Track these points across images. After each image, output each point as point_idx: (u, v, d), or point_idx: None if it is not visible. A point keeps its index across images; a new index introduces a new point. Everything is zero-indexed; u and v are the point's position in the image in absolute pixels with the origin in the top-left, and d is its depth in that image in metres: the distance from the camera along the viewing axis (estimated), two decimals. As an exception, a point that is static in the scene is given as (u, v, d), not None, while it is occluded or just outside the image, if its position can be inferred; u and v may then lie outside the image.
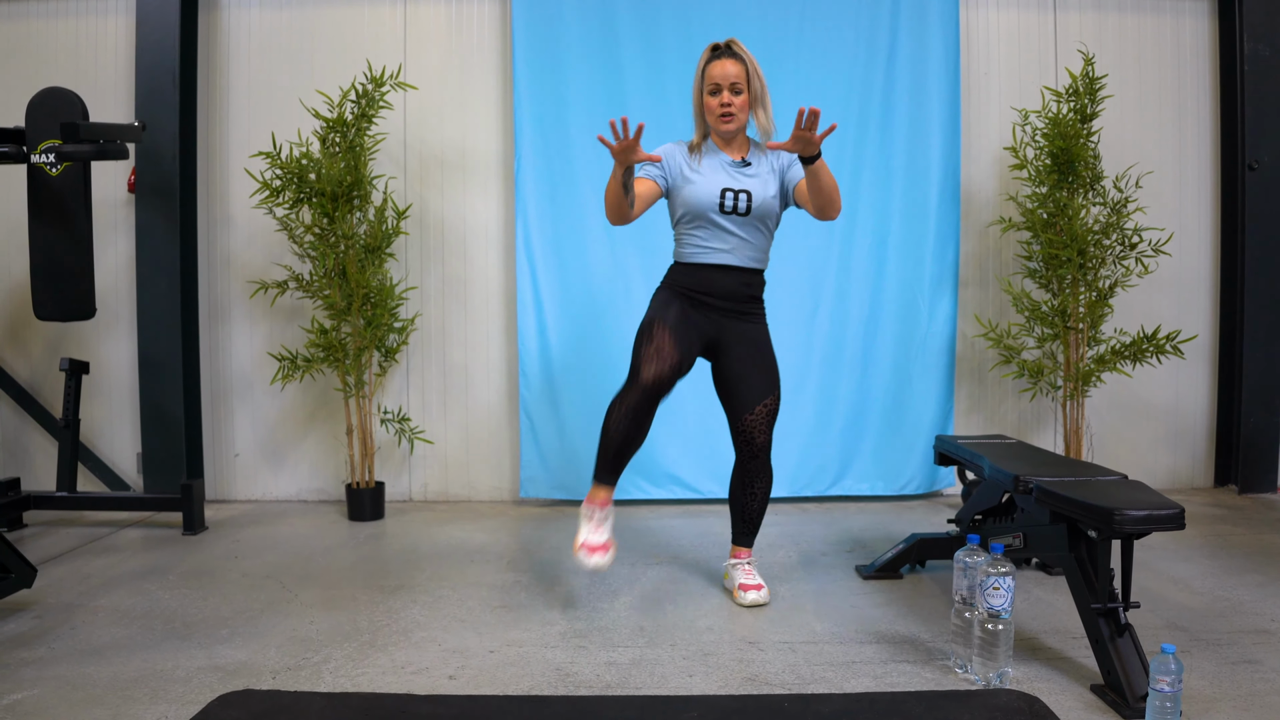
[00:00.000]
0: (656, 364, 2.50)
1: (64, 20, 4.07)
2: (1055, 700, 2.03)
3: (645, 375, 2.49)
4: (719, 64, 2.58)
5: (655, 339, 2.54)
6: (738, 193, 2.58)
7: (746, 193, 2.59)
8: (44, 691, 2.09)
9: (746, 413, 2.67)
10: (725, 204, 2.58)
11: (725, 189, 2.58)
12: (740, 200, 2.58)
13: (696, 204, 2.59)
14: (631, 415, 2.50)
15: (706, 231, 2.62)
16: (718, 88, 2.58)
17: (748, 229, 2.62)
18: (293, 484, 4.18)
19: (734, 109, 2.58)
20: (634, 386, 2.51)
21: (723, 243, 2.62)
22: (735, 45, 2.61)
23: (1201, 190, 4.20)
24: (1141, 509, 1.99)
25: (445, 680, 2.17)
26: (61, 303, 3.36)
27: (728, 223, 2.60)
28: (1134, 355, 3.75)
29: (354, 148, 3.67)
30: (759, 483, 2.73)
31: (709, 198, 2.58)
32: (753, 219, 2.61)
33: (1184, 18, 4.16)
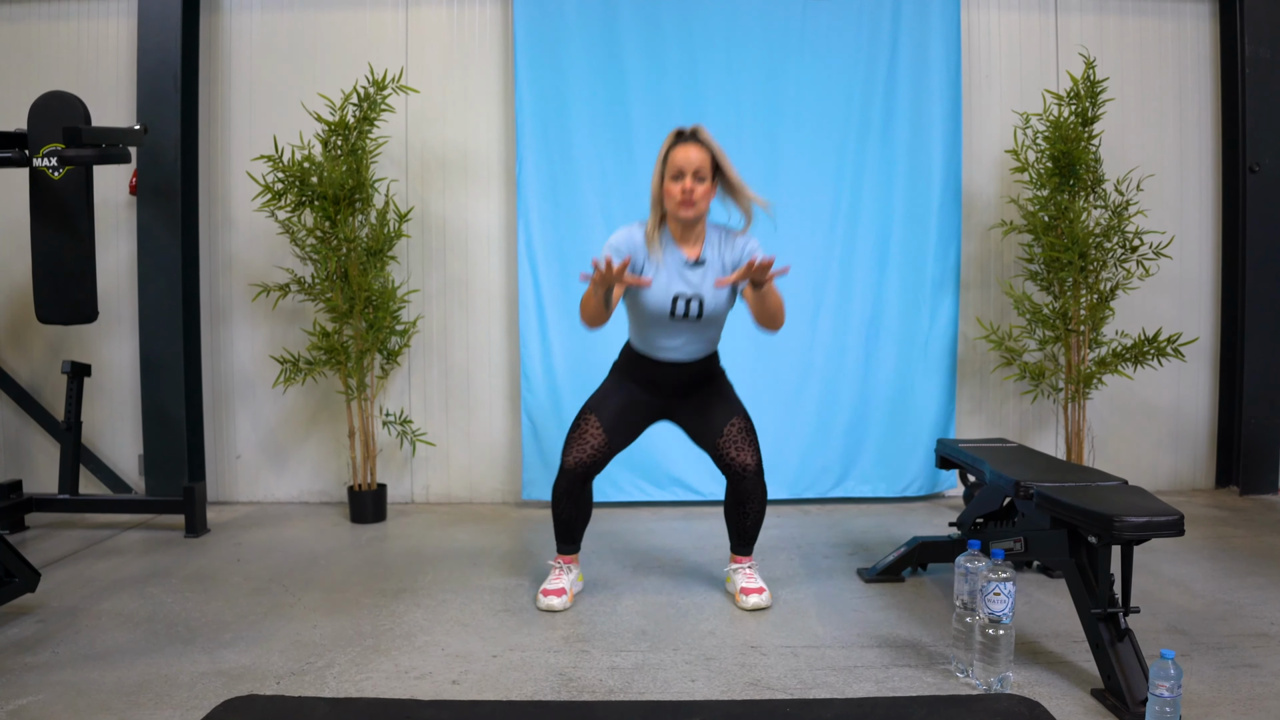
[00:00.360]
0: (577, 451, 2.67)
1: (66, 23, 4.07)
2: (1056, 705, 2.03)
3: (567, 462, 2.69)
4: (682, 149, 2.54)
5: (581, 427, 2.70)
6: (689, 299, 2.59)
7: (699, 299, 2.59)
8: (49, 697, 2.10)
9: (718, 436, 2.70)
10: (677, 310, 2.59)
11: (677, 295, 2.58)
12: (692, 306, 2.59)
13: (649, 309, 2.60)
14: (566, 498, 2.71)
15: (657, 330, 2.65)
16: (680, 173, 2.53)
17: (698, 328, 2.64)
18: (295, 486, 4.19)
19: (695, 196, 2.53)
20: (561, 473, 2.70)
21: (673, 340, 2.65)
22: (700, 133, 2.58)
23: (1203, 193, 4.20)
24: (1141, 515, 2.00)
25: (449, 685, 2.18)
26: (63, 306, 3.36)
27: (677, 326, 2.63)
28: (1135, 358, 3.76)
29: (356, 151, 3.67)
30: (751, 503, 2.73)
31: (661, 305, 2.58)
32: (705, 322, 2.63)
33: (1185, 20, 4.16)
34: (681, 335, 2.64)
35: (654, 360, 2.70)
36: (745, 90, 3.95)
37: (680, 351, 2.67)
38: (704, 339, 2.68)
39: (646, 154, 3.90)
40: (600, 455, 2.68)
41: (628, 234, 2.65)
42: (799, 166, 3.98)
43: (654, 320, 2.62)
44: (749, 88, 3.95)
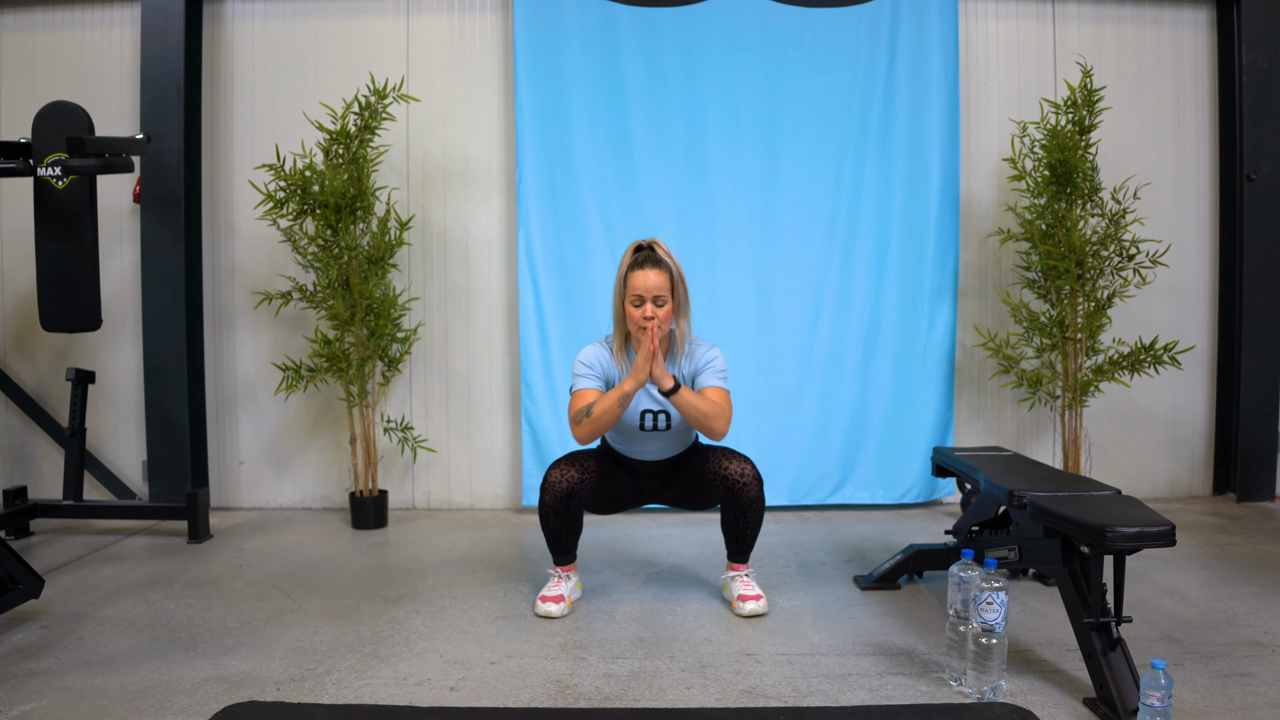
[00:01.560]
0: (565, 469, 2.69)
1: (70, 33, 4.11)
2: (1048, 714, 2.05)
3: (550, 475, 2.70)
4: (641, 274, 2.59)
5: (578, 455, 2.75)
6: (656, 414, 2.69)
7: (665, 413, 2.68)
8: (52, 703, 2.13)
9: (705, 462, 2.75)
10: (645, 424, 2.70)
11: (645, 411, 2.69)
12: (660, 419, 2.69)
13: (620, 422, 2.69)
14: (553, 514, 2.72)
15: (628, 440, 2.76)
16: (640, 299, 2.59)
17: (669, 436, 2.74)
18: (297, 492, 4.22)
19: (657, 321, 2.58)
20: (544, 488, 2.70)
21: (647, 446, 2.76)
22: (659, 248, 2.63)
23: (1200, 201, 4.22)
24: (1132, 526, 2.02)
25: (447, 692, 2.20)
26: (68, 314, 3.39)
27: (649, 435, 2.72)
28: (1132, 365, 3.78)
29: (357, 159, 3.70)
30: (750, 513, 2.76)
31: (630, 421, 2.69)
32: (674, 431, 2.72)
33: (1183, 29, 4.18)
34: (655, 442, 2.76)
35: (632, 459, 2.82)
36: (744, 99, 3.98)
37: (656, 454, 2.80)
38: (678, 441, 2.79)
39: (646, 163, 3.95)
40: (585, 483, 2.71)
41: (595, 353, 2.72)
42: (798, 175, 4.00)
43: (626, 432, 2.73)
44: (748, 97, 3.98)
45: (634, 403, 2.66)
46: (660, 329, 2.60)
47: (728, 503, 2.75)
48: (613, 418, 2.56)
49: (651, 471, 2.84)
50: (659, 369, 2.53)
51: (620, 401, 2.55)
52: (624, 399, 2.55)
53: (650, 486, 2.87)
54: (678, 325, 2.69)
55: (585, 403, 2.60)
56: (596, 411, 2.56)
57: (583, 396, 2.62)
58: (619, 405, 2.55)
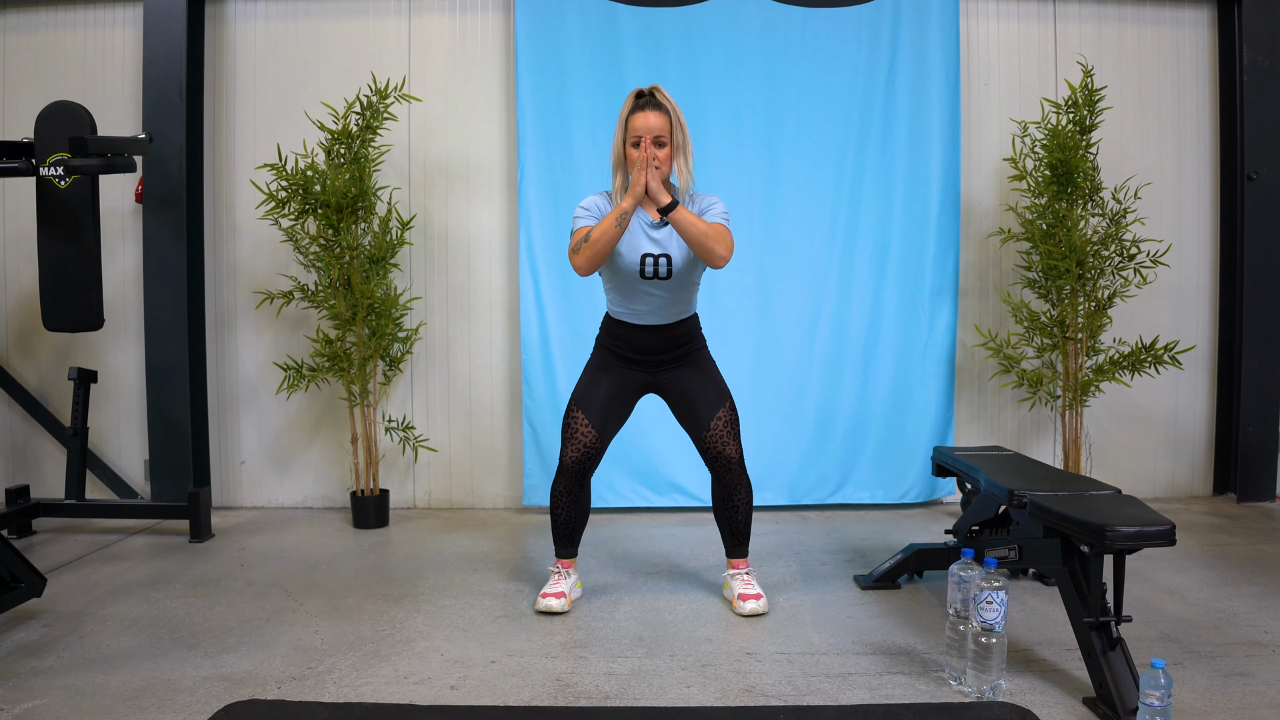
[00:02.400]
0: (573, 448, 2.73)
1: (72, 33, 4.12)
2: (1047, 713, 2.05)
3: (566, 459, 2.74)
4: (642, 115, 2.58)
5: (571, 426, 2.74)
6: (658, 257, 2.62)
7: (666, 257, 2.62)
8: (53, 701, 2.13)
9: (705, 430, 2.74)
10: (646, 270, 2.62)
11: (645, 255, 2.62)
12: (661, 265, 2.63)
13: (619, 271, 2.65)
14: (566, 495, 2.77)
15: (629, 293, 2.69)
16: (639, 138, 2.58)
17: (670, 288, 2.67)
18: (298, 491, 4.22)
19: (657, 161, 2.56)
20: (560, 471, 2.75)
21: (645, 304, 2.69)
22: (659, 93, 2.63)
23: (1201, 201, 4.22)
24: (1132, 525, 2.02)
25: (447, 690, 2.21)
26: (70, 314, 3.40)
27: (650, 287, 2.66)
28: (1133, 365, 3.78)
29: (359, 159, 3.71)
30: (738, 494, 2.76)
31: (630, 265, 2.63)
32: (675, 280, 2.66)
33: (1183, 28, 4.18)
34: (655, 296, 2.67)
35: (632, 325, 2.73)
36: (745, 99, 3.98)
37: (656, 314, 2.70)
38: (678, 299, 2.70)
39: (647, 163, 3.94)
40: (594, 450, 2.73)
41: (594, 200, 2.69)
42: (798, 175, 4.00)
43: (627, 282, 2.66)
44: (749, 97, 3.98)
45: (634, 246, 2.61)
46: (660, 171, 2.58)
47: (716, 481, 2.77)
48: (611, 239, 2.52)
49: (653, 346, 2.73)
50: (655, 183, 2.49)
51: (619, 220, 2.50)
52: (622, 217, 2.50)
53: (653, 378, 2.78)
54: (679, 170, 2.65)
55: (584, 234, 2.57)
56: (595, 234, 2.52)
57: (582, 232, 2.59)
58: (617, 224, 2.51)
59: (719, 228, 2.58)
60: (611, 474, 4.02)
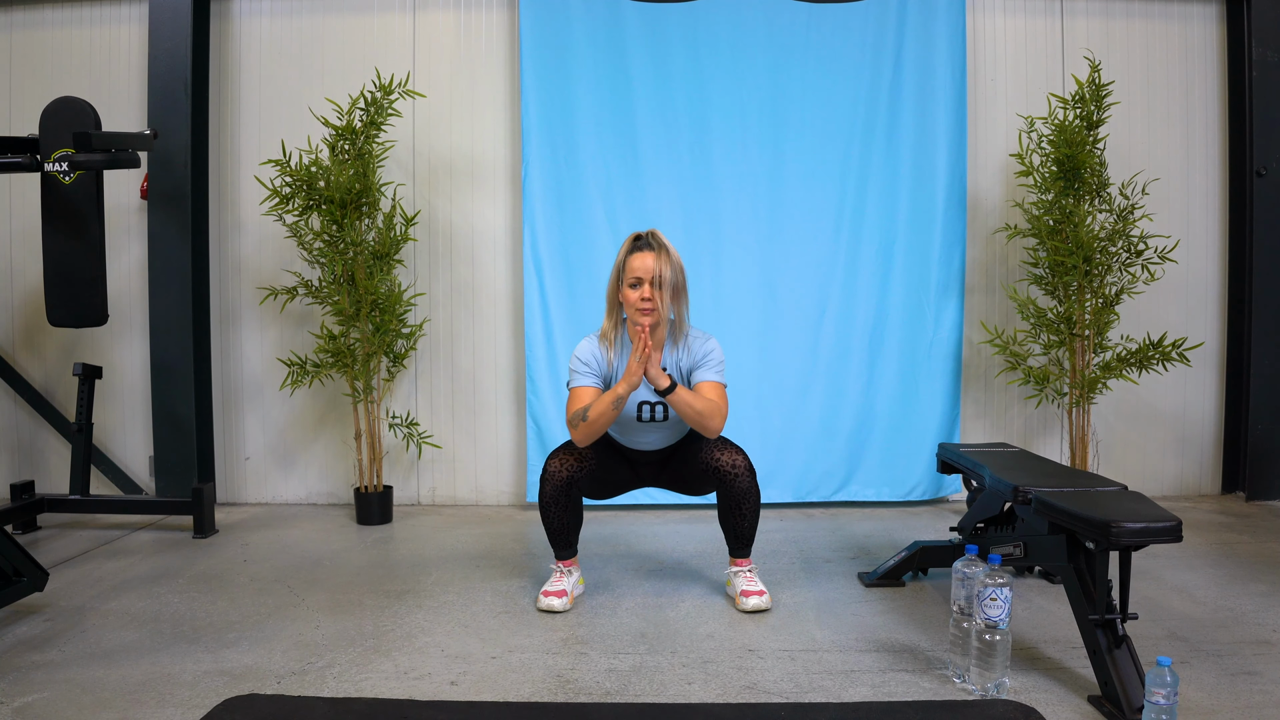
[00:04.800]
0: (563, 458, 2.68)
1: (78, 29, 4.13)
2: (1052, 711, 2.03)
3: (550, 465, 2.69)
4: (640, 256, 2.59)
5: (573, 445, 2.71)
6: (654, 405, 2.68)
7: (663, 405, 2.68)
8: (54, 694, 2.13)
9: (698, 454, 2.72)
10: (643, 415, 2.70)
11: (643, 403, 2.68)
12: (657, 411, 2.68)
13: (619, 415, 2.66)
14: (554, 505, 2.71)
15: (628, 432, 2.75)
16: (639, 281, 2.58)
17: (666, 427, 2.74)
18: (302, 487, 4.23)
19: (654, 304, 2.57)
20: (546, 478, 2.69)
21: (646, 437, 2.76)
22: (657, 237, 2.62)
23: (1209, 197, 4.19)
24: (1138, 521, 2.00)
25: (447, 686, 2.20)
26: (74, 309, 3.41)
27: (647, 426, 2.72)
28: (1140, 362, 3.75)
29: (363, 155, 3.71)
30: (746, 504, 2.73)
31: (628, 413, 2.68)
32: (671, 421, 2.71)
33: (1192, 23, 4.14)
34: (654, 433, 2.76)
35: (630, 449, 2.81)
36: (750, 96, 3.96)
37: (654, 444, 2.79)
38: (676, 431, 2.78)
39: (652, 159, 3.94)
40: (586, 468, 2.71)
41: (589, 348, 2.69)
42: (804, 171, 3.99)
43: (625, 424, 2.73)
44: (754, 93, 3.96)
45: (632, 395, 2.65)
46: (657, 328, 2.61)
47: (721, 494, 2.73)
48: (608, 420, 2.57)
49: (648, 460, 2.84)
50: (654, 369, 2.52)
51: (615, 404, 2.55)
52: (618, 402, 2.55)
53: (647, 473, 2.87)
54: (676, 313, 2.67)
55: (582, 404, 2.60)
56: (592, 415, 2.56)
57: (579, 397, 2.62)
58: (613, 408, 2.55)
59: (713, 403, 2.58)
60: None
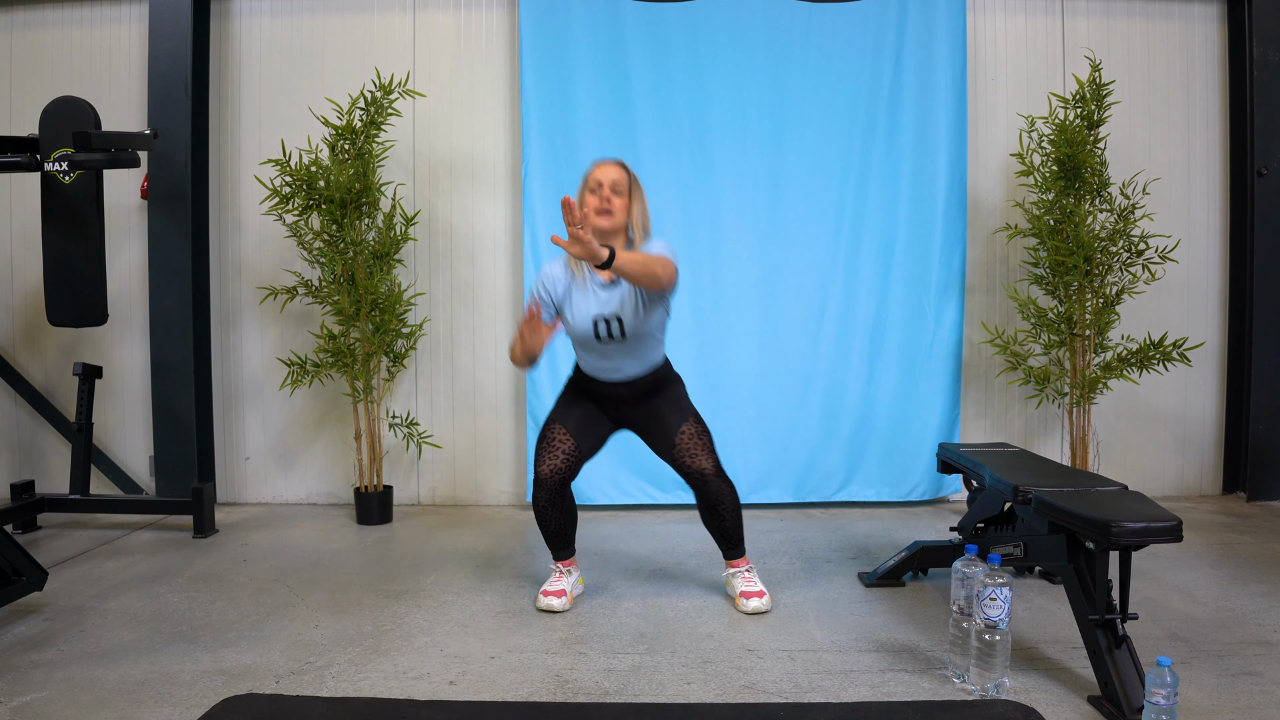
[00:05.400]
0: (550, 459, 2.69)
1: (78, 29, 4.13)
2: (1052, 711, 2.03)
3: (541, 471, 2.70)
4: (603, 166, 2.65)
5: (549, 437, 2.72)
6: (609, 320, 2.62)
7: (618, 319, 2.62)
8: (52, 694, 2.13)
9: (671, 447, 2.72)
10: (599, 332, 2.63)
11: (597, 318, 2.62)
12: (613, 326, 2.63)
13: (576, 335, 2.69)
14: (550, 509, 2.73)
15: (591, 354, 2.71)
16: (599, 185, 2.62)
17: (629, 346, 2.67)
18: (302, 487, 4.22)
19: (611, 207, 2.60)
20: (537, 484, 2.71)
21: (608, 361, 2.71)
22: (620, 161, 2.70)
23: (1210, 196, 4.18)
24: (1138, 521, 1.99)
25: (446, 686, 2.19)
26: (74, 309, 3.41)
27: (607, 348, 2.67)
28: (1141, 362, 3.74)
29: (363, 155, 3.71)
30: (723, 504, 2.72)
31: (584, 331, 2.65)
32: (630, 340, 2.65)
33: (1193, 23, 4.14)
34: (613, 357, 2.69)
35: (598, 380, 2.76)
36: (750, 95, 3.96)
37: (619, 372, 2.72)
38: (637, 357, 2.71)
39: (652, 159, 3.94)
40: (573, 460, 2.70)
41: (554, 271, 2.71)
42: (804, 171, 3.98)
43: (584, 344, 2.70)
44: (754, 93, 3.96)
45: (585, 312, 2.62)
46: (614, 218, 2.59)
47: (697, 495, 2.73)
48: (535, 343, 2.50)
49: (620, 397, 2.76)
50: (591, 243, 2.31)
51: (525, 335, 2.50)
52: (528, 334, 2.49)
53: (620, 416, 2.80)
54: (634, 227, 2.65)
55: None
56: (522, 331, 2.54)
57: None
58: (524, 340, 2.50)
59: (657, 257, 2.52)
60: (616, 471, 4.01)
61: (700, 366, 3.97)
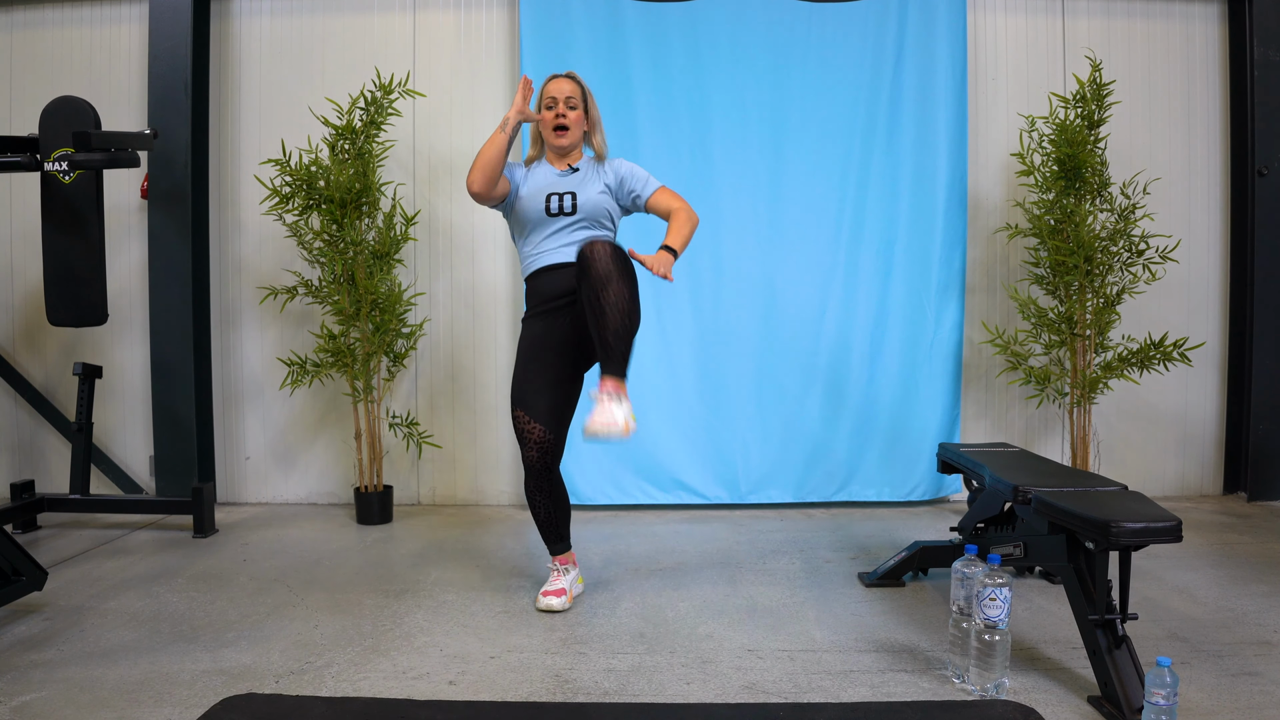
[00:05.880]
0: (527, 448, 2.68)
1: (78, 29, 4.13)
2: (1051, 711, 2.03)
3: (527, 460, 2.69)
4: (556, 82, 2.75)
5: (517, 425, 2.68)
6: (562, 195, 2.70)
7: (571, 194, 2.70)
8: (52, 693, 2.13)
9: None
10: (550, 206, 2.69)
11: (550, 193, 2.70)
12: (565, 201, 2.69)
13: (525, 213, 2.72)
14: (539, 494, 2.72)
15: (539, 237, 2.72)
16: (554, 101, 2.72)
17: (578, 229, 2.70)
18: (302, 487, 4.22)
19: (568, 121, 2.72)
20: (527, 470, 2.70)
21: (554, 243, 2.71)
22: (573, 74, 2.79)
23: (1211, 196, 4.18)
24: (1138, 521, 1.99)
25: (445, 686, 2.19)
26: (74, 309, 3.41)
27: (557, 224, 2.70)
28: (1141, 362, 3.74)
29: (363, 154, 3.71)
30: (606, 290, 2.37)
31: (535, 204, 2.70)
32: (581, 218, 2.70)
33: (1193, 23, 4.14)
34: (562, 236, 2.70)
35: (541, 270, 2.70)
36: (750, 96, 3.96)
37: (564, 253, 2.68)
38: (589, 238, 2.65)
39: (652, 159, 3.93)
40: (547, 445, 2.65)
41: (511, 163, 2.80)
42: (804, 171, 3.98)
43: (534, 223, 2.72)
44: (754, 93, 3.96)
45: (539, 188, 2.70)
46: (570, 133, 2.72)
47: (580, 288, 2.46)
48: (498, 146, 2.57)
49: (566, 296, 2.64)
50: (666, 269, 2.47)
51: (502, 127, 2.59)
52: (505, 124, 2.59)
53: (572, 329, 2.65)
54: (593, 139, 2.80)
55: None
56: (484, 146, 2.61)
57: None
58: (502, 130, 2.58)
59: (687, 208, 2.71)
60: (617, 471, 4.01)
61: (700, 366, 3.97)
